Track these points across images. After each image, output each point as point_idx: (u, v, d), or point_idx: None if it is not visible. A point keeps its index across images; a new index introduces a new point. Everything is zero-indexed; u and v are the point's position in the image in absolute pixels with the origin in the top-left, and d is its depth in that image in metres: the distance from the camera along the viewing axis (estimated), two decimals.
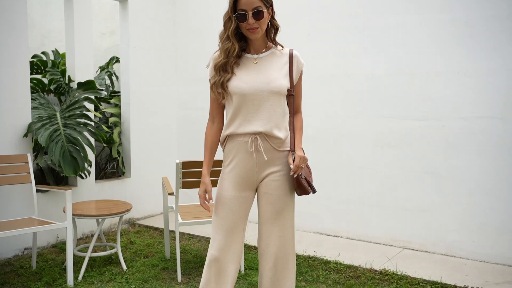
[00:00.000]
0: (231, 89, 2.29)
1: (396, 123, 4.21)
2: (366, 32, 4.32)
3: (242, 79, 2.29)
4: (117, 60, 5.57)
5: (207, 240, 4.50)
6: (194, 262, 3.93)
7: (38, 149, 4.34)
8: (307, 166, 2.41)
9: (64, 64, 5.18)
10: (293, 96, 2.37)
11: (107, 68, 5.51)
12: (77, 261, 3.83)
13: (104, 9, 5.98)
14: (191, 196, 5.14)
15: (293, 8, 4.62)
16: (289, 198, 2.37)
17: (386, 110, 4.26)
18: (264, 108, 2.28)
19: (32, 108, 4.26)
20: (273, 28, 2.36)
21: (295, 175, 2.27)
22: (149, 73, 5.24)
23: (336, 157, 4.52)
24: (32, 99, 4.39)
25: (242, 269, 3.66)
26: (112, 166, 5.19)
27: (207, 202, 2.38)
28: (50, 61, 5.28)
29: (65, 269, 3.70)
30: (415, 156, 4.14)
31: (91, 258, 3.91)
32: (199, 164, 3.50)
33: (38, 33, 6.53)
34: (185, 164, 3.48)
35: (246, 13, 2.21)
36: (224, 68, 2.32)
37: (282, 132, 2.33)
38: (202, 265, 3.79)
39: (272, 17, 2.34)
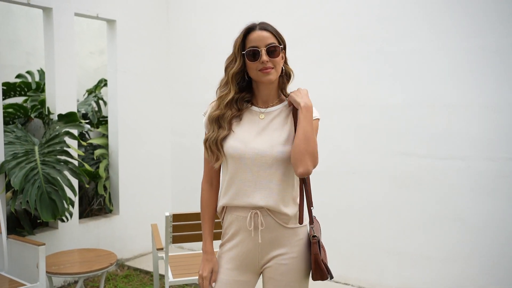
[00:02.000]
0: (226, 150, 1.84)
1: (415, 161, 3.74)
2: (381, 58, 3.86)
3: (240, 138, 1.84)
4: (106, 84, 5.10)
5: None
6: None
7: (13, 188, 3.88)
8: (323, 247, 1.95)
9: (36, 89, 4.74)
10: None
11: (95, 92, 5.04)
12: None
13: (93, 26, 5.53)
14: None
15: (300, 30, 4.16)
16: (301, 285, 1.90)
17: (403, 146, 3.79)
18: (265, 177, 1.83)
19: (6, 144, 3.79)
20: (286, 75, 1.91)
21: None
22: (139, 99, 4.77)
23: (347, 196, 4.06)
24: (7, 131, 3.93)
25: None
26: (98, 202, 4.71)
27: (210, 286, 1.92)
28: (35, 83, 4.83)
29: None
30: (437, 198, 3.67)
31: None
32: (191, 216, 3.04)
33: (23, 50, 6.09)
34: (176, 217, 3.02)
35: (259, 49, 1.78)
36: (219, 123, 1.86)
37: (290, 207, 1.87)
38: None
39: (285, 62, 1.90)
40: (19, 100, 4.84)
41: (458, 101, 3.56)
